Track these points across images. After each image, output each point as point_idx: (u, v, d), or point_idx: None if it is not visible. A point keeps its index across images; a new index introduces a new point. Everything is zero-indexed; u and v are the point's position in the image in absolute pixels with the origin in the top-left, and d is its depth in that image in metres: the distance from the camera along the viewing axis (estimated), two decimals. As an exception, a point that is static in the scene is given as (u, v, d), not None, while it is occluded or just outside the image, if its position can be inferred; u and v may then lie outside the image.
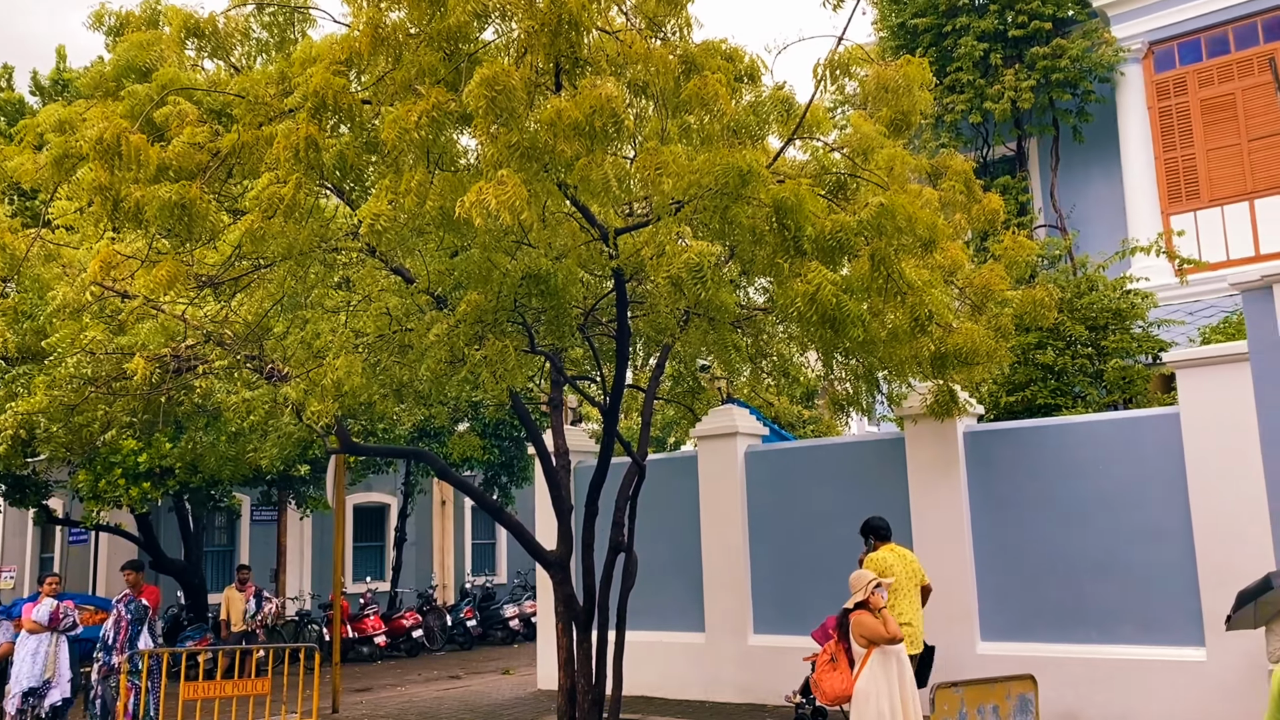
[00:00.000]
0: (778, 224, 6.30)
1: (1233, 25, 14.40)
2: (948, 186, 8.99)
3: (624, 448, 9.31)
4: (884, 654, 6.29)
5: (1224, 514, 7.93)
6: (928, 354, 8.29)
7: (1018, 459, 9.17)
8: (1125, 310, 11.54)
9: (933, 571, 9.35)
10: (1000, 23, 15.16)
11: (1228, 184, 14.34)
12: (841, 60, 6.51)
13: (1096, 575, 8.60)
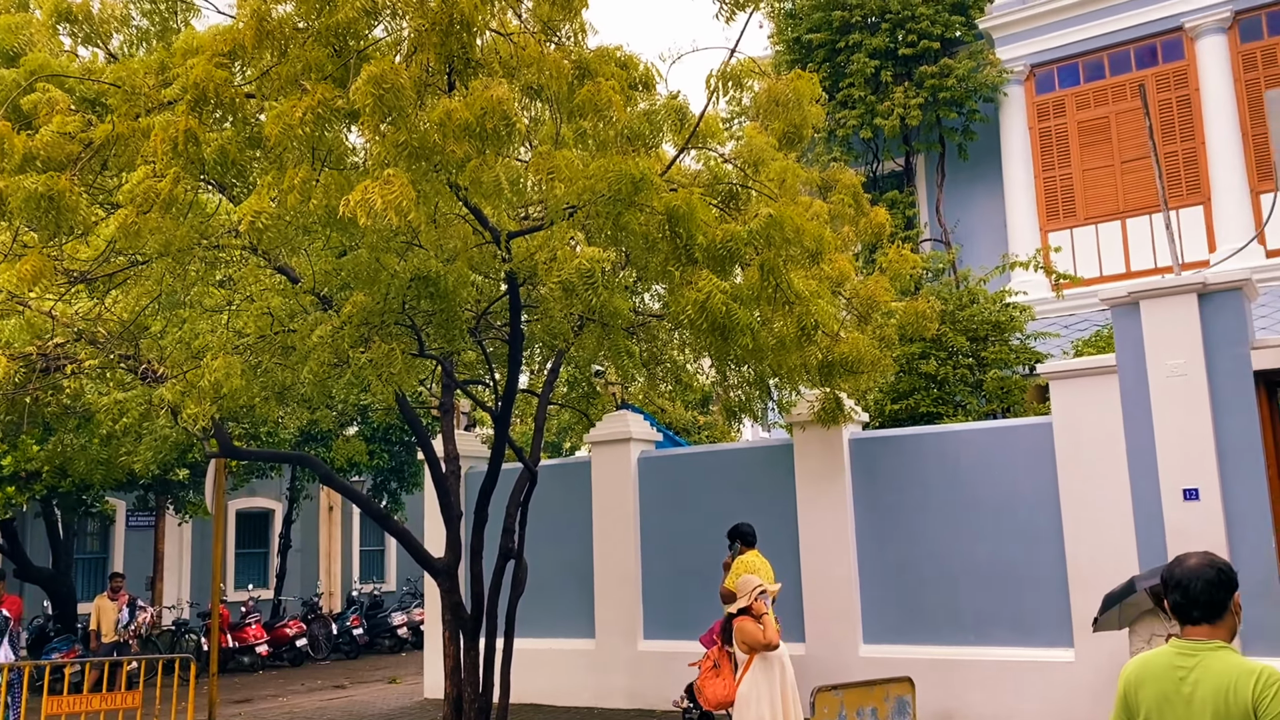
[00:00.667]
0: (670, 232, 6.34)
1: (1108, 51, 15.09)
2: (837, 199, 9.18)
3: (515, 453, 9.24)
4: (765, 659, 6.37)
5: (1092, 519, 8.27)
6: (816, 362, 8.45)
7: (900, 466, 9.42)
8: (1004, 323, 11.98)
9: (818, 576, 9.54)
10: (891, 41, 15.58)
11: (1102, 203, 15.01)
12: (734, 72, 6.60)
13: (973, 579, 8.89)
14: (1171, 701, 2.90)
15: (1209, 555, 3.05)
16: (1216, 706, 2.79)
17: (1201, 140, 14.32)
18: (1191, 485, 7.84)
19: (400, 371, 6.88)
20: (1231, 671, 2.83)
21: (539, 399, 9.73)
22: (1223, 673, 2.83)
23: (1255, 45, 14.15)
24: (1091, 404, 8.39)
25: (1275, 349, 7.87)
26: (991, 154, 15.96)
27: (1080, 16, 15.12)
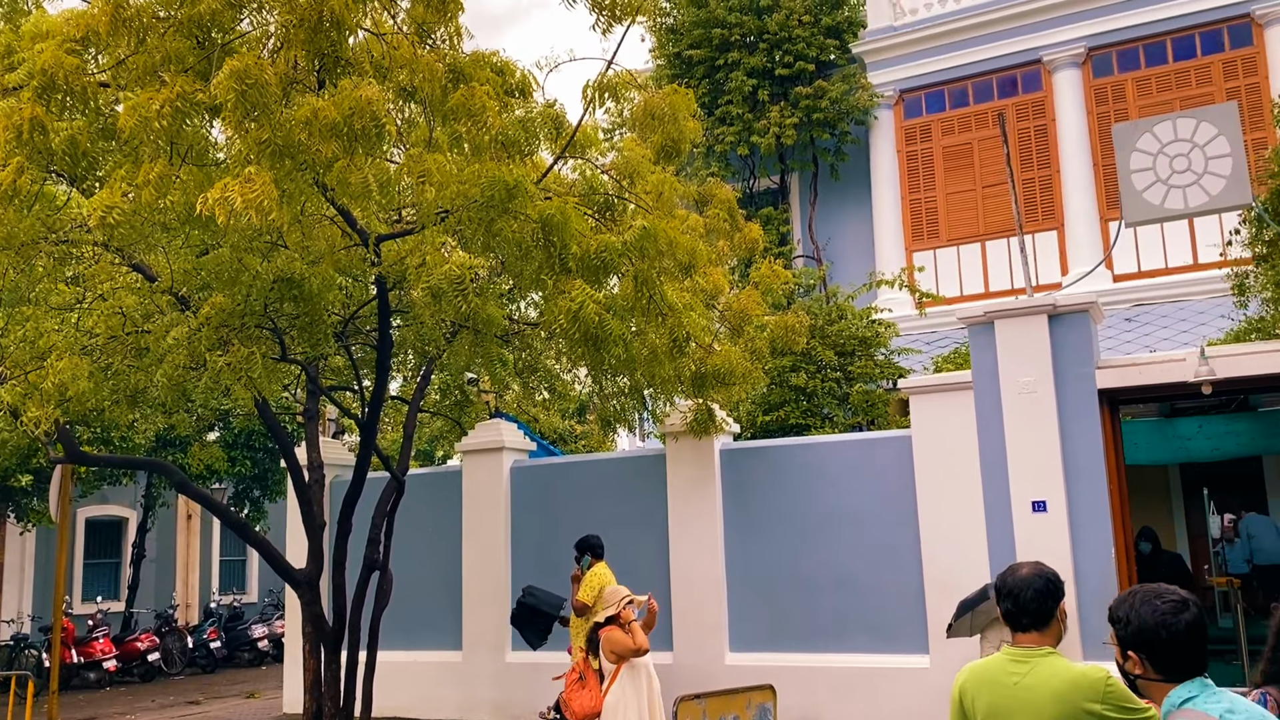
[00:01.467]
0: (544, 240, 6.32)
1: (972, 80, 15.77)
2: (713, 214, 9.33)
3: (382, 462, 9.04)
4: (633, 668, 6.39)
5: (947, 528, 8.58)
6: (689, 374, 8.54)
7: (768, 476, 9.59)
8: (870, 338, 12.36)
9: (687, 585, 9.63)
10: (769, 61, 15.92)
11: (963, 226, 15.65)
12: (610, 83, 6.63)
13: (836, 587, 9.11)
14: (1007, 706, 3.01)
15: (1039, 565, 3.20)
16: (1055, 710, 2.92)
17: (1057, 168, 15.08)
18: (1040, 497, 8.21)
19: (261, 376, 6.65)
20: (1064, 675, 2.97)
21: (409, 406, 9.55)
22: (1055, 677, 2.96)
23: (1107, 80, 15.00)
24: (948, 418, 8.71)
25: (1118, 369, 8.33)
26: (862, 175, 16.46)
27: (946, 46, 15.75)
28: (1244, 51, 14.19)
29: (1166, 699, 2.60)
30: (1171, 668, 2.60)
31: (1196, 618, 2.62)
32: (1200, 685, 2.56)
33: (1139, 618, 2.64)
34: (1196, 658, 2.60)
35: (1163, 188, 8.55)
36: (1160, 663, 2.61)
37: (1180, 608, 2.62)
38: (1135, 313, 13.60)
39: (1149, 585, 2.76)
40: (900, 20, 16.23)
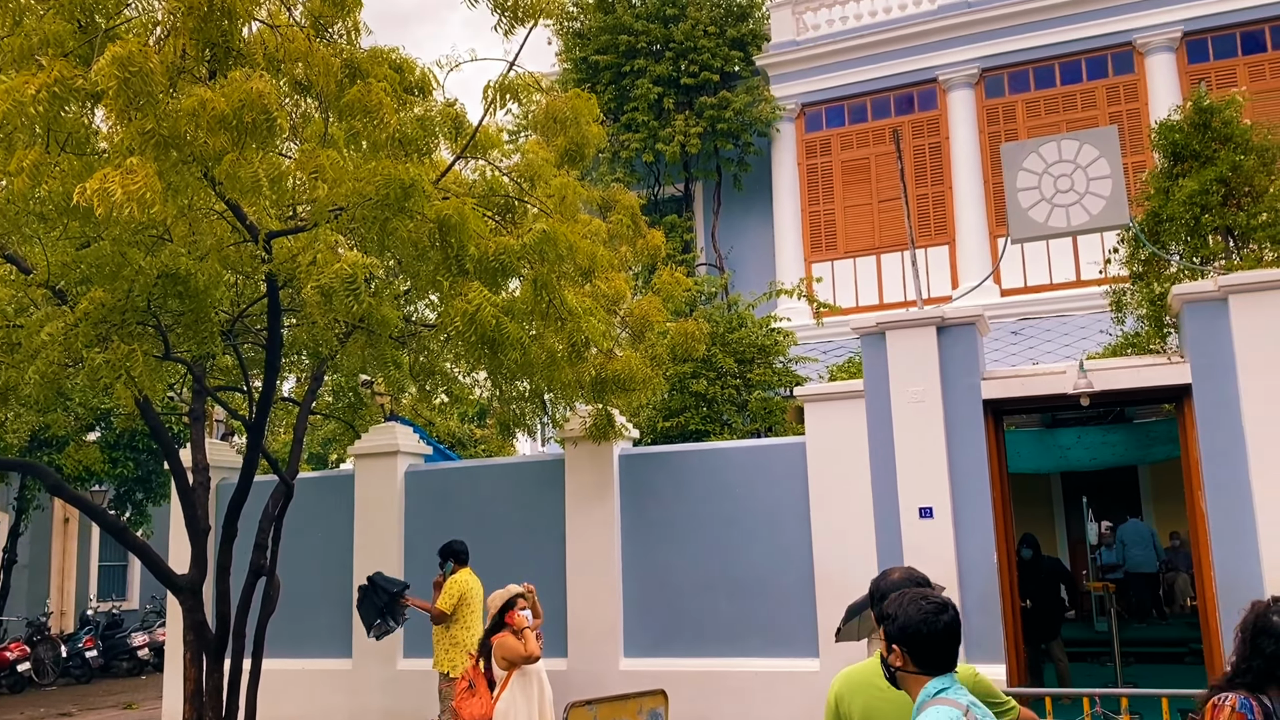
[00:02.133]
0: (441, 241, 6.24)
1: (870, 97, 16.17)
2: (616, 219, 9.33)
3: (270, 465, 8.79)
4: (524, 675, 6.35)
5: (838, 534, 8.74)
6: (589, 379, 8.53)
7: (667, 481, 9.64)
8: (769, 346, 12.55)
9: (583, 591, 9.61)
10: (675, 70, 16.05)
11: (860, 239, 16.02)
12: (512, 85, 6.58)
13: (730, 592, 9.20)
14: (881, 710, 3.09)
15: (910, 570, 3.30)
16: None
17: (950, 185, 15.56)
18: (927, 504, 8.43)
19: (142, 374, 6.40)
20: None
21: (300, 408, 9.31)
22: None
23: (998, 101, 15.54)
24: (841, 426, 8.88)
25: (1002, 380, 8.61)
26: (764, 186, 16.72)
27: (847, 62, 16.11)
28: (1126, 78, 14.87)
29: (923, 690, 2.86)
30: (928, 662, 2.87)
31: (954, 619, 2.89)
32: (951, 679, 2.85)
33: (904, 615, 2.89)
34: (950, 655, 2.88)
35: (1047, 206, 8.88)
36: (919, 657, 2.87)
37: (940, 610, 2.88)
38: (1021, 326, 14.11)
39: (917, 589, 3.00)
40: (803, 35, 16.55)
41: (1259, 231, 8.66)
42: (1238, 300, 7.61)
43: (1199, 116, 9.17)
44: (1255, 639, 3.34)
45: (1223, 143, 8.99)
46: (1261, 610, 3.42)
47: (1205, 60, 14.51)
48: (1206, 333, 7.76)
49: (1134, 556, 14.50)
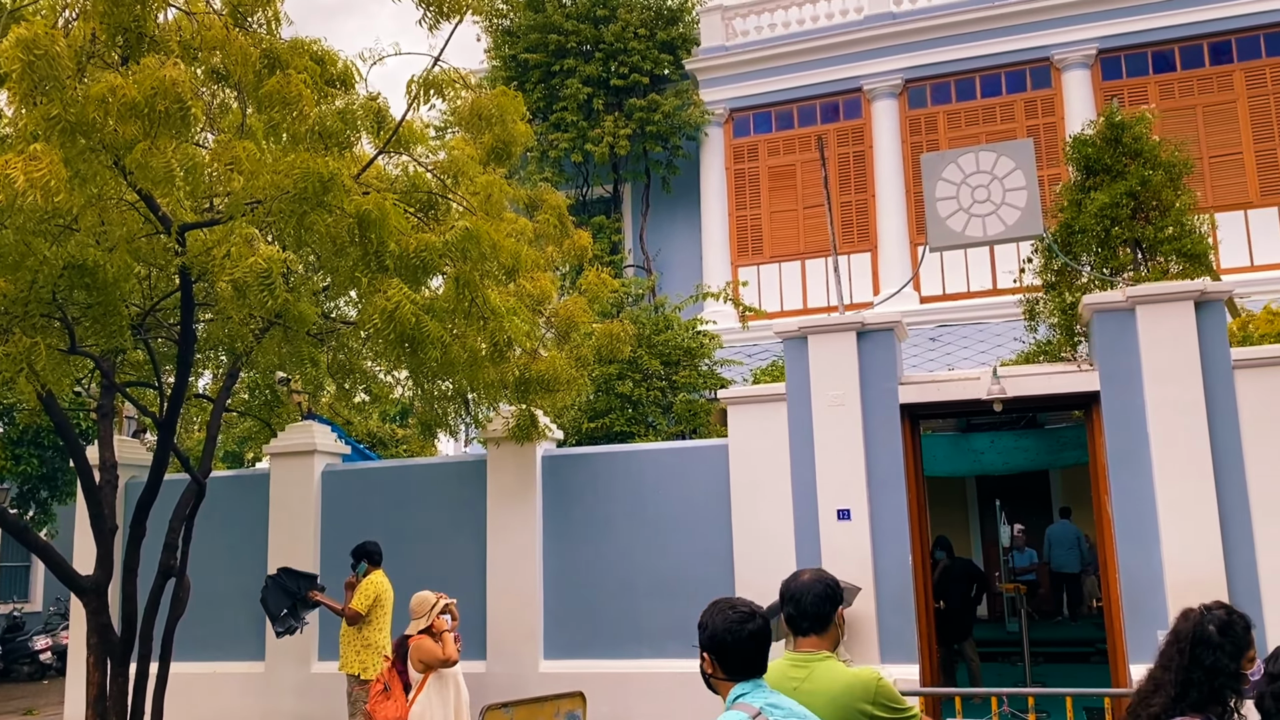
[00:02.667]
0: (360, 236, 6.13)
1: (797, 104, 16.37)
2: (543, 219, 9.29)
3: (181, 463, 8.56)
4: (441, 678, 6.27)
5: (758, 536, 8.82)
6: (513, 379, 8.47)
7: (590, 483, 9.62)
8: (695, 349, 12.61)
9: (503, 593, 9.54)
10: (604, 71, 16.05)
11: (786, 244, 16.21)
12: (436, 80, 6.51)
13: (651, 593, 9.21)
14: (779, 710, 3.11)
15: (820, 571, 3.33)
16: (830, 712, 3.03)
17: (873, 193, 15.83)
18: (845, 506, 8.54)
19: (46, 368, 6.18)
20: (839, 678, 3.10)
21: (214, 405, 9.08)
22: (831, 680, 3.09)
23: (921, 112, 15.85)
24: (763, 429, 8.96)
25: (919, 385, 8.77)
26: (692, 189, 16.81)
27: (774, 69, 16.28)
28: (1043, 93, 15.28)
29: (729, 695, 2.95)
30: (734, 669, 2.94)
31: (760, 628, 2.94)
32: (753, 685, 2.92)
33: (713, 625, 2.97)
34: (755, 662, 2.95)
35: (964, 216, 9.07)
36: (726, 664, 2.94)
37: (747, 619, 2.94)
38: (939, 333, 14.40)
39: (728, 598, 3.06)
40: (732, 41, 16.68)
41: (1165, 245, 8.97)
42: (1144, 311, 7.87)
43: (1111, 132, 9.46)
44: (1194, 649, 3.30)
45: (1133, 158, 9.28)
46: (1196, 620, 3.38)
47: (1119, 77, 14.98)
48: (1114, 342, 8.00)
49: (1058, 557, 14.94)
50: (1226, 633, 3.29)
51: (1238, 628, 3.33)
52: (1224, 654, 3.25)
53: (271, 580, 8.68)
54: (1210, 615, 3.36)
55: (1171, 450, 7.69)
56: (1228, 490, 7.60)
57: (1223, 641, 3.27)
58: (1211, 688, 3.23)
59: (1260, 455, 7.58)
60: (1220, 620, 3.33)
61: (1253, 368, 7.72)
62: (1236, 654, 3.28)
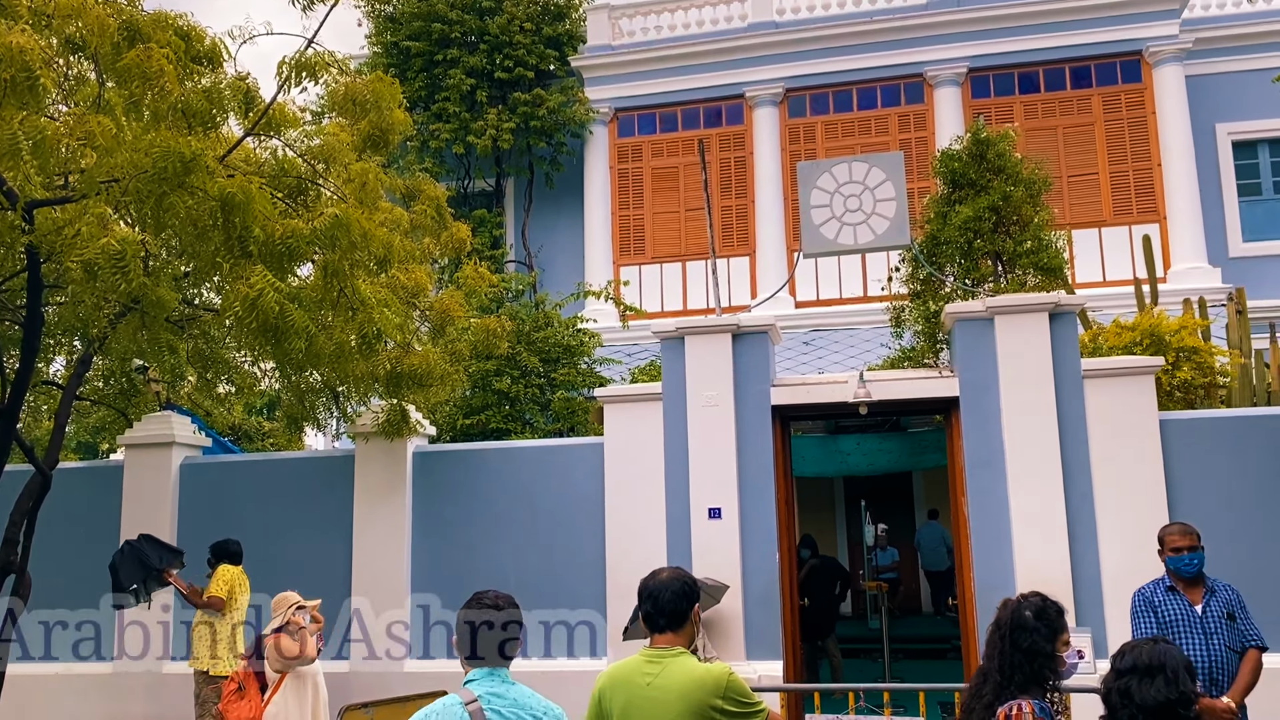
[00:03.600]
0: (223, 220, 5.91)
1: (681, 107, 16.52)
2: (420, 210, 9.13)
3: (25, 453, 8.09)
4: (298, 678, 6.09)
5: (631, 534, 8.85)
6: (384, 373, 8.30)
7: (463, 480, 9.50)
8: (575, 347, 12.59)
9: (370, 591, 9.32)
10: (489, 63, 15.88)
11: (667, 245, 16.34)
12: (309, 63, 6.32)
13: (522, 592, 9.02)
14: (640, 705, 3.13)
15: (678, 570, 3.37)
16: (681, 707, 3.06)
17: (752, 198, 16.09)
18: (716, 505, 8.65)
19: None
20: (691, 673, 3.13)
21: (63, 393, 8.61)
22: (683, 675, 3.12)
23: (800, 121, 16.19)
24: (639, 428, 8.99)
25: (790, 387, 8.96)
26: (576, 186, 16.78)
27: (660, 71, 16.40)
28: (916, 107, 15.80)
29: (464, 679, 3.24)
30: (471, 655, 3.25)
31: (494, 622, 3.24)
32: (487, 674, 3.22)
33: (461, 613, 3.28)
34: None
35: (837, 224, 9.30)
36: (465, 649, 3.26)
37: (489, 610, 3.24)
38: (812, 337, 14.75)
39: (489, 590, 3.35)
40: (618, 40, 16.72)
41: (1024, 258, 9.38)
42: (1002, 321, 8.21)
43: (976, 148, 9.84)
44: (1013, 634, 3.55)
45: (996, 174, 9.68)
46: (1014, 607, 3.65)
47: (987, 96, 15.61)
48: (974, 350, 8.33)
49: (926, 556, 15.54)
50: (1041, 617, 3.56)
51: (1051, 613, 3.60)
52: (1040, 637, 3.52)
53: (129, 546, 8.20)
54: (1027, 603, 3.63)
55: (1024, 455, 8.05)
56: (1075, 494, 7.99)
57: (1038, 625, 3.54)
58: (1031, 669, 3.47)
59: (1105, 461, 7.99)
60: (1035, 606, 3.60)
61: (1100, 378, 8.13)
62: (1051, 636, 3.55)
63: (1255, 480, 7.96)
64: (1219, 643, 5.13)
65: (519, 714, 3.11)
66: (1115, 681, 3.21)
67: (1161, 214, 14.67)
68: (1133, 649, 3.22)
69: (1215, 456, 8.05)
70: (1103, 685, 3.32)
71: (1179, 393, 9.08)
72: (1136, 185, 14.87)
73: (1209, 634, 5.14)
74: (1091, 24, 15.10)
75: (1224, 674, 5.12)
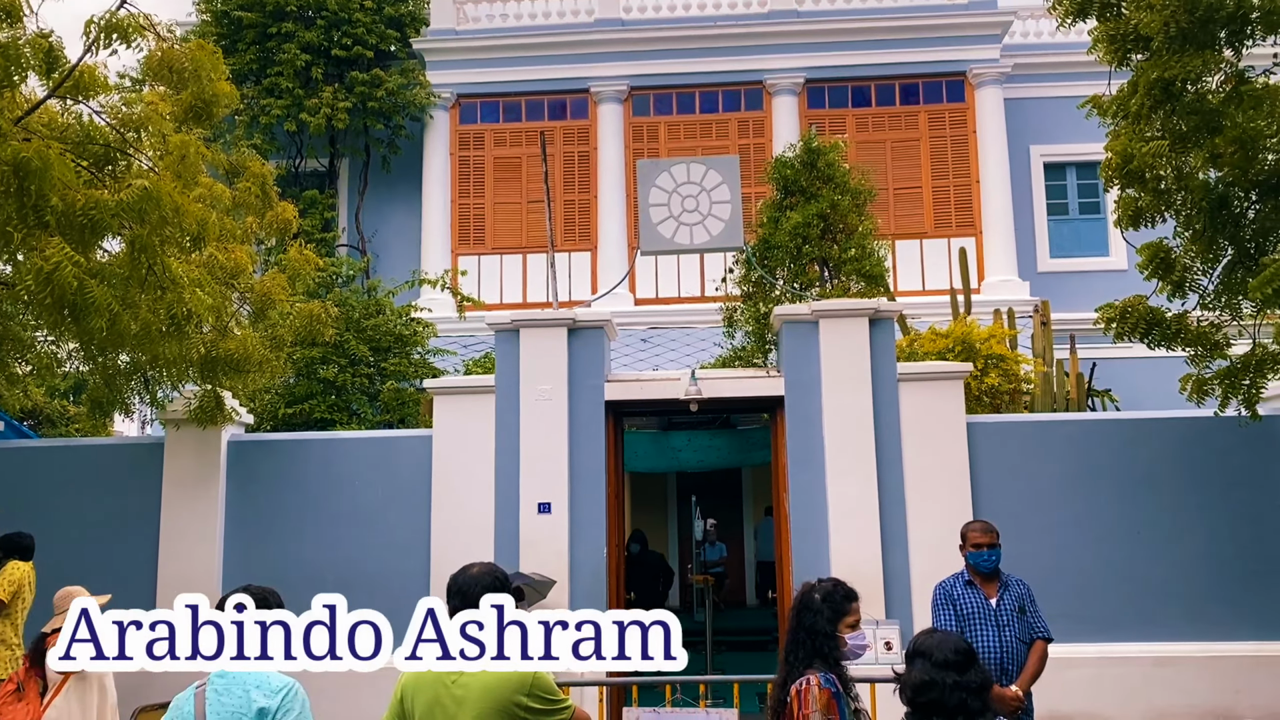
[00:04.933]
0: (17, 187, 5.47)
1: (526, 97, 16.37)
2: (244, 187, 8.73)
3: None
4: (83, 680, 5.69)
5: (457, 529, 8.71)
6: (198, 357, 7.89)
7: (282, 471, 9.13)
8: (408, 336, 12.28)
9: (176, 587, 8.83)
10: (326, 40, 15.33)
11: (508, 236, 16.17)
12: (120, 24, 5.92)
13: (341, 588, 8.74)
14: (442, 703, 3.07)
15: (489, 565, 3.33)
16: (485, 705, 3.01)
17: (595, 194, 16.12)
18: (546, 499, 8.62)
19: None
20: (498, 670, 3.08)
21: None
22: (490, 673, 3.07)
23: (644, 120, 16.32)
24: (470, 420, 8.86)
25: (623, 383, 9.01)
26: (415, 171, 16.40)
27: (505, 59, 16.21)
28: (755, 114, 16.18)
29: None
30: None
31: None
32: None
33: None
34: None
35: (674, 223, 9.42)
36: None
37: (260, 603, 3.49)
38: (650, 334, 14.90)
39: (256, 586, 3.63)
40: (463, 25, 16.44)
41: (848, 265, 9.74)
42: (826, 324, 8.49)
43: (808, 156, 10.15)
44: (799, 614, 3.84)
45: (826, 182, 10.01)
46: (806, 589, 3.94)
47: (822, 107, 16.12)
48: (799, 351, 8.58)
49: (763, 549, 16.02)
50: (828, 600, 3.85)
51: (838, 596, 3.88)
52: (822, 618, 3.80)
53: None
54: (818, 586, 3.94)
55: (842, 453, 8.35)
56: (888, 492, 8.35)
57: (822, 607, 3.83)
58: (813, 646, 3.75)
59: (917, 461, 8.38)
60: (825, 590, 3.90)
61: (914, 381, 8.52)
62: (834, 618, 3.83)
63: (1053, 481, 8.51)
64: (1011, 634, 5.45)
65: (230, 688, 3.25)
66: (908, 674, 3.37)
67: (978, 228, 15.51)
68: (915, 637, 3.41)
69: (1017, 458, 8.56)
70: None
71: (986, 397, 9.61)
72: (956, 200, 15.67)
73: (1002, 626, 5.45)
74: (921, 43, 15.82)
75: (1014, 664, 5.44)
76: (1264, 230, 6.94)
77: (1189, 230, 7.13)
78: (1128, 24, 6.71)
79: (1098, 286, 12.88)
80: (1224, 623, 8.21)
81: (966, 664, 3.17)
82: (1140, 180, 7.05)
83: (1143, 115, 6.69)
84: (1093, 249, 16.26)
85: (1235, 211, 6.95)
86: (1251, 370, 7.12)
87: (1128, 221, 7.30)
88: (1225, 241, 7.06)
